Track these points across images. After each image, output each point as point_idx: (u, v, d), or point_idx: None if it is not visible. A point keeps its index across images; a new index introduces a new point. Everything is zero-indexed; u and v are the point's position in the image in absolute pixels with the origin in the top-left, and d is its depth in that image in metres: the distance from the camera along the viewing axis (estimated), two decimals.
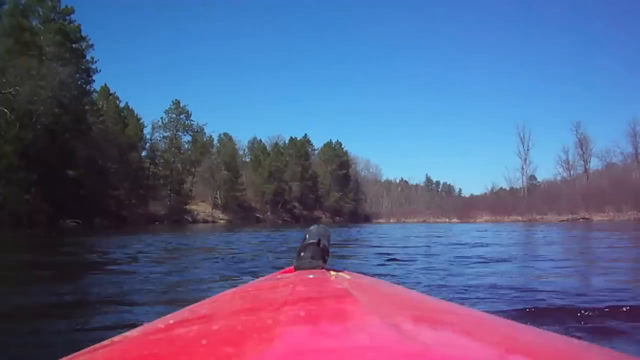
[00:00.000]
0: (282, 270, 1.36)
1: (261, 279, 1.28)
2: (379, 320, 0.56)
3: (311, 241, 1.28)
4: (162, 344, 0.56)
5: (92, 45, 40.71)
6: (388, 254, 7.93)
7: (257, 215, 72.44)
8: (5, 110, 28.05)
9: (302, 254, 1.27)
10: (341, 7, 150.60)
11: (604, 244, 10.97)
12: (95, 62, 40.93)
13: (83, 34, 39.58)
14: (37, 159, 30.38)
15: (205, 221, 59.60)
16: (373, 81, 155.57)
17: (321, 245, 1.28)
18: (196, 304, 0.86)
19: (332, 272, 1.12)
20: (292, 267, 1.27)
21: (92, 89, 43.05)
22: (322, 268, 1.21)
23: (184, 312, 0.77)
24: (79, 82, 37.84)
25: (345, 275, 1.09)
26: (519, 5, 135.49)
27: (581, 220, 49.13)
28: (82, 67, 38.00)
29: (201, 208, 65.41)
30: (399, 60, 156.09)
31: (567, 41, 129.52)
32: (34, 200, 32.17)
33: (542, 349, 0.53)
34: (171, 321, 0.67)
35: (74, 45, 38.15)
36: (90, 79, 39.98)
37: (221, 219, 64.09)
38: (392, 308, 0.72)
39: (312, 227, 1.40)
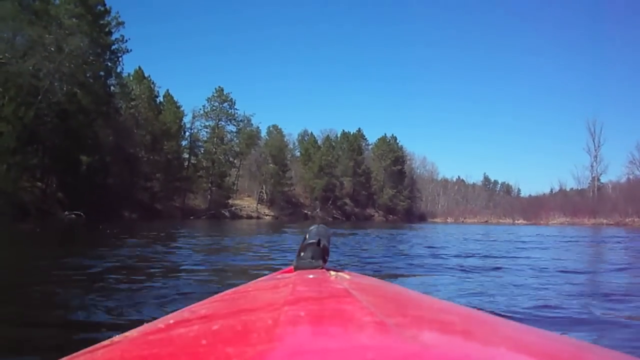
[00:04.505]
0: (282, 270, 1.36)
1: (261, 279, 1.25)
2: (379, 320, 0.55)
3: (311, 241, 1.27)
4: (162, 344, 0.55)
5: (122, 23, 37.29)
6: None
7: (306, 211, 68.29)
8: None
9: (302, 254, 1.26)
10: (403, 3, 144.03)
11: None
12: (126, 41, 37.51)
13: (113, 12, 36.36)
14: (47, 142, 27.08)
15: (249, 217, 55.93)
16: (430, 78, 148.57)
17: (321, 245, 1.27)
18: (196, 304, 0.86)
19: (332, 272, 1.12)
20: (292, 267, 1.27)
21: (123, 70, 39.70)
22: (322, 268, 1.20)
23: (184, 312, 0.76)
24: (103, 61, 34.40)
25: (345, 275, 1.09)
26: None
27: None
28: (104, 42, 34.39)
29: (246, 203, 61.89)
30: (457, 58, 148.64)
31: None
32: (46, 189, 29.15)
33: (542, 349, 0.53)
34: (171, 321, 0.67)
35: (101, 22, 34.89)
36: (116, 57, 36.50)
37: (267, 215, 60.42)
38: (392, 308, 0.72)
39: (312, 227, 1.39)
